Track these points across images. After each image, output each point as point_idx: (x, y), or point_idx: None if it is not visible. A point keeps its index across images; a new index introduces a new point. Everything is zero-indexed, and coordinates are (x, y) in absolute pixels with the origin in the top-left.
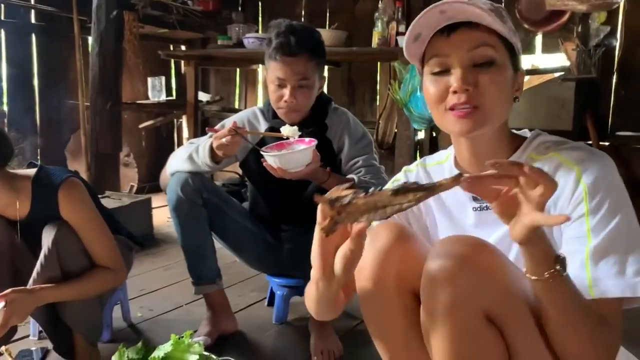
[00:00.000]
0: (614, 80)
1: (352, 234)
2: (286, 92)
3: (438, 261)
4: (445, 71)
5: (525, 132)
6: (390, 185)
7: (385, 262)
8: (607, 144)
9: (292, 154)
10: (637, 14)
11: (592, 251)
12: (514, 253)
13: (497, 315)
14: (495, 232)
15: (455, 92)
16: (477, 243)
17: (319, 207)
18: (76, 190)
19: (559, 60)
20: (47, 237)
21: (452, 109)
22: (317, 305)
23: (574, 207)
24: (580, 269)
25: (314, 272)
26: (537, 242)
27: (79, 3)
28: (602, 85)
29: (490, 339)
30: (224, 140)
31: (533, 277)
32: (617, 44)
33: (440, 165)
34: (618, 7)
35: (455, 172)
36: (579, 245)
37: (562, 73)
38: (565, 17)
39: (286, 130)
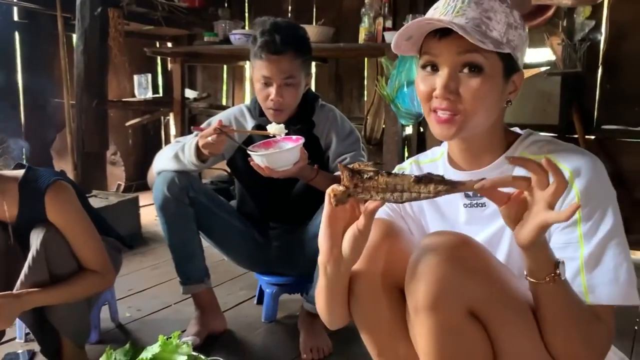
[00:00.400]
0: (599, 74)
1: (365, 210)
2: (272, 90)
3: (421, 256)
4: (434, 68)
5: (516, 130)
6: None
7: (372, 257)
8: (592, 137)
9: (279, 153)
10: (621, 8)
11: (587, 258)
12: (503, 251)
13: (481, 312)
14: (486, 229)
15: (437, 97)
16: (461, 239)
17: (328, 190)
18: (63, 193)
19: (544, 54)
20: (35, 239)
21: (434, 110)
22: (328, 299)
23: None
24: (576, 276)
25: (322, 257)
26: (541, 246)
27: (62, 0)
28: (587, 79)
29: (473, 335)
30: (209, 139)
31: (534, 281)
32: (602, 38)
33: (434, 162)
34: (603, 2)
35: (450, 169)
36: (572, 252)
37: (548, 67)
38: (551, 12)
39: (273, 128)
